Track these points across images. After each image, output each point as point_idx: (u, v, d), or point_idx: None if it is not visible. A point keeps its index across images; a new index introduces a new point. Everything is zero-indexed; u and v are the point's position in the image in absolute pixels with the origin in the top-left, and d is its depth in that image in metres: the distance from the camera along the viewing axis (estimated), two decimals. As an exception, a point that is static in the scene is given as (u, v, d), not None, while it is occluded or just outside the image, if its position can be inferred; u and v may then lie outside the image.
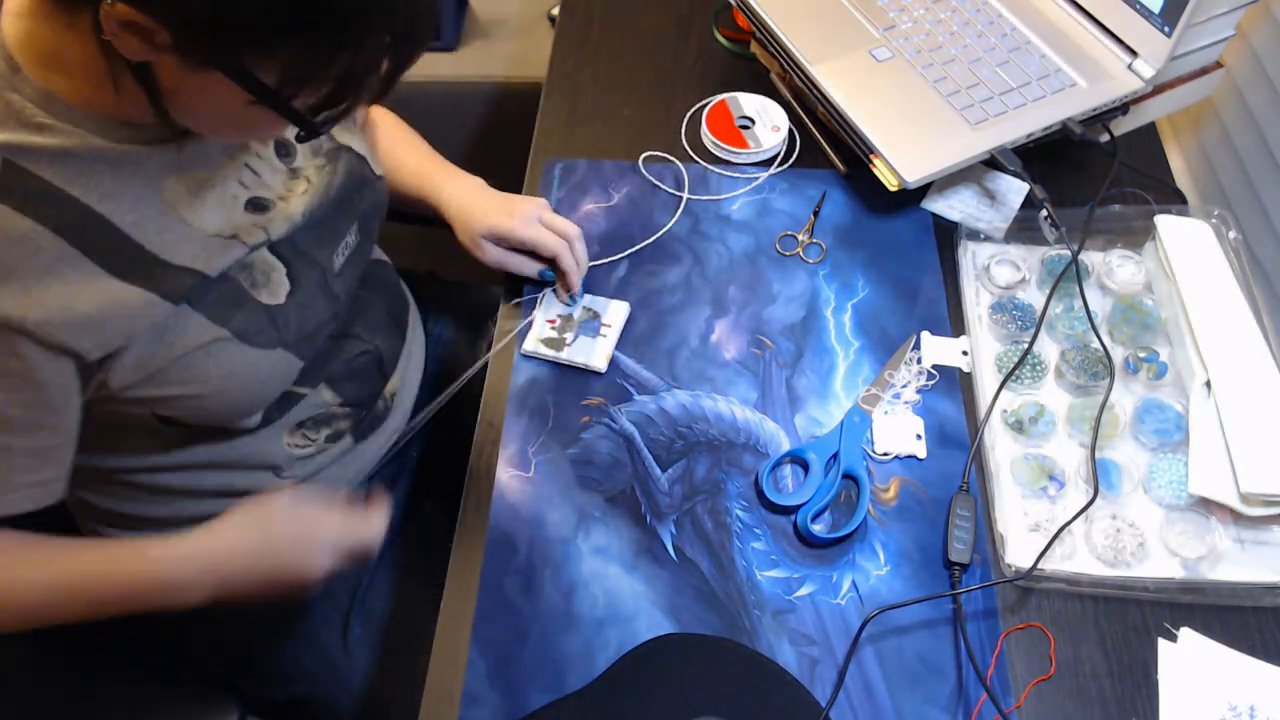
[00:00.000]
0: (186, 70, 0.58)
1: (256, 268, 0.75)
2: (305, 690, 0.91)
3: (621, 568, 0.79)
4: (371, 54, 0.59)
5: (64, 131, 0.62)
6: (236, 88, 0.58)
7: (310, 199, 0.79)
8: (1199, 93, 1.07)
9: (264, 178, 0.75)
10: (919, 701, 0.73)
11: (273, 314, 0.75)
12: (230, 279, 0.73)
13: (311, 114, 0.61)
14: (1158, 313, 0.91)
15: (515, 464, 0.85)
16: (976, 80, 0.99)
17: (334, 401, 0.85)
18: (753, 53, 1.16)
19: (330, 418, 0.85)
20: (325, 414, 0.85)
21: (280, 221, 0.76)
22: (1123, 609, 0.77)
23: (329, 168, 0.81)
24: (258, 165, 0.75)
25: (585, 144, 1.08)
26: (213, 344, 0.71)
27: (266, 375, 0.76)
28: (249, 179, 0.74)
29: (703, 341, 0.92)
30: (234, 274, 0.73)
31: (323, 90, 0.60)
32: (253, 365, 0.74)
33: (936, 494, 0.82)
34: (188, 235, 0.69)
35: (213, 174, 0.71)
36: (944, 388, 0.89)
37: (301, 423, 0.84)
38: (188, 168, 0.69)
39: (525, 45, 1.45)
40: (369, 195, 0.86)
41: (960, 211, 0.99)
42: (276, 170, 0.77)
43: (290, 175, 0.78)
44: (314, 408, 0.84)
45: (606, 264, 0.98)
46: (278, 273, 0.76)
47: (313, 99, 0.60)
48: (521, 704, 0.73)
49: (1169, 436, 0.83)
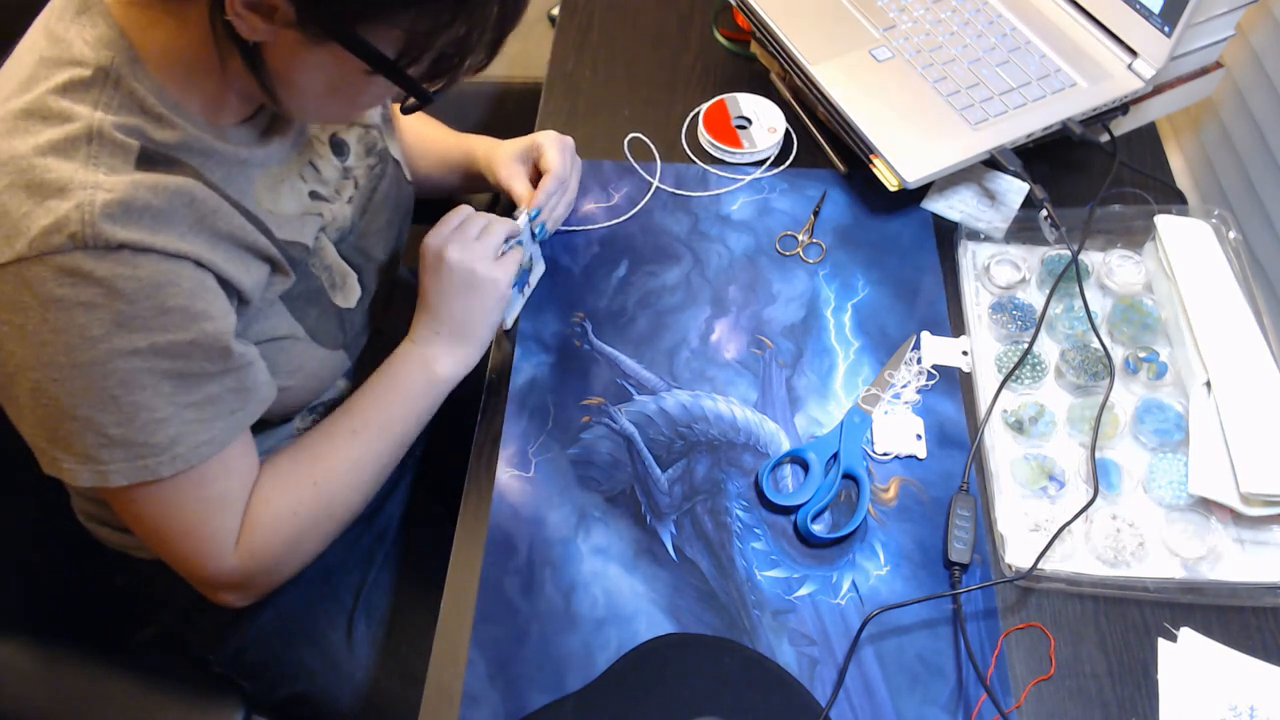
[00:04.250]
0: (301, 46, 0.60)
1: (335, 270, 0.78)
2: (308, 688, 0.92)
3: (621, 568, 0.79)
4: (482, 19, 0.62)
5: (178, 125, 0.64)
6: (350, 61, 0.60)
7: (359, 201, 0.83)
8: (1199, 93, 1.07)
9: (323, 174, 0.79)
10: (919, 701, 0.73)
11: (343, 316, 0.79)
12: (314, 276, 0.76)
13: (423, 82, 0.64)
14: (1158, 313, 0.91)
15: (515, 464, 0.85)
16: (976, 80, 0.99)
17: (347, 389, 0.88)
18: (753, 53, 1.16)
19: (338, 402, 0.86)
20: (337, 399, 0.87)
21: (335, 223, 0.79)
22: (1123, 609, 0.77)
23: (379, 167, 0.86)
24: (318, 162, 0.79)
25: (585, 144, 1.08)
26: (288, 339, 0.74)
27: (326, 374, 0.80)
28: (309, 174, 0.77)
29: (703, 341, 0.92)
30: (317, 272, 0.77)
31: (435, 58, 0.63)
32: (318, 364, 0.78)
33: (936, 494, 0.82)
34: (277, 221, 0.72)
35: (285, 168, 0.74)
36: (944, 388, 0.89)
37: (314, 407, 0.87)
38: (266, 164, 0.72)
39: (525, 45, 1.44)
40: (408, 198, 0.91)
41: (960, 211, 0.99)
42: (334, 167, 0.80)
43: (343, 175, 0.82)
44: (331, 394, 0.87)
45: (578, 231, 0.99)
46: (351, 278, 0.81)
47: (425, 66, 0.63)
48: (521, 704, 0.73)
49: (1169, 436, 0.83)
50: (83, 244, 0.58)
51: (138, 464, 0.65)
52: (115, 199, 0.59)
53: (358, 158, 0.83)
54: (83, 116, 0.60)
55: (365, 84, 0.64)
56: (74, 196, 0.58)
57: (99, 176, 0.60)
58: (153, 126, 0.63)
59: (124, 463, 0.65)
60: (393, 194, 0.88)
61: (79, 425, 0.63)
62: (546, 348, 0.92)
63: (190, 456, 0.67)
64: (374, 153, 0.86)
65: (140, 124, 0.63)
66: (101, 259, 0.59)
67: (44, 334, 0.60)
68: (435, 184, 1.06)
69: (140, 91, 0.63)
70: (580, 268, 0.97)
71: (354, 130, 0.84)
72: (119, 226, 0.59)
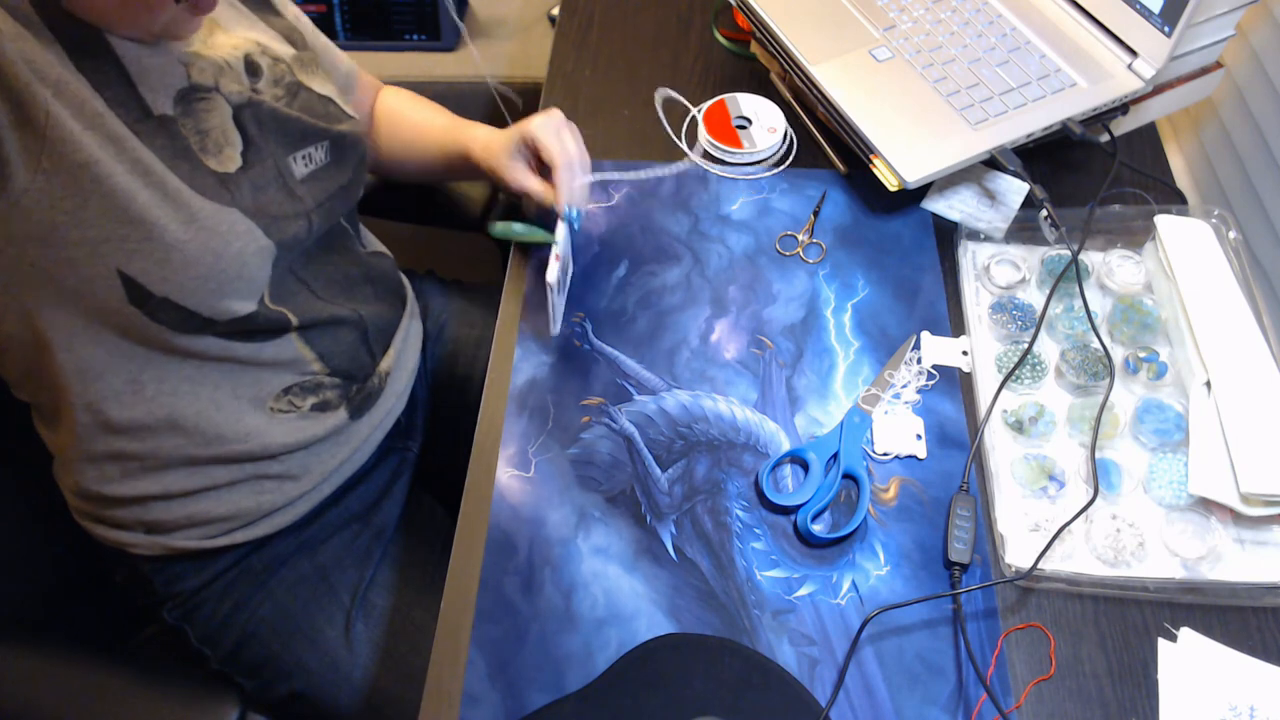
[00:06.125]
0: None
1: (210, 135, 0.76)
2: (306, 687, 0.92)
3: (621, 568, 0.79)
4: None
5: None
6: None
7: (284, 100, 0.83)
8: (1199, 93, 1.07)
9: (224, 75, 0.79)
10: (919, 701, 0.73)
11: (222, 179, 0.76)
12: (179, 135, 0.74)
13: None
14: (1158, 313, 0.91)
15: (515, 464, 0.85)
16: (976, 80, 0.99)
17: (315, 363, 0.86)
18: (753, 53, 1.16)
19: (316, 386, 0.86)
20: (312, 381, 0.86)
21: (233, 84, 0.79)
22: (1123, 609, 0.77)
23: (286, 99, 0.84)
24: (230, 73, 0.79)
25: (585, 144, 1.08)
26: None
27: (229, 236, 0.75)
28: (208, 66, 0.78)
29: (703, 341, 0.92)
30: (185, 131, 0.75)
31: None
32: (211, 219, 0.74)
33: (936, 494, 0.82)
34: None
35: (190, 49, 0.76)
36: (944, 388, 0.89)
37: (287, 389, 0.85)
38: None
39: (525, 45, 1.44)
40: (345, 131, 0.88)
41: (960, 211, 0.99)
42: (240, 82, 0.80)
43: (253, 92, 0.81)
44: (296, 370, 0.86)
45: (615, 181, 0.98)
46: (232, 147, 0.78)
47: None
48: (521, 704, 0.73)
49: (1169, 436, 0.83)
50: None
51: None
52: None
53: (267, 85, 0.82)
54: None
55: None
56: None
57: None
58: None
59: None
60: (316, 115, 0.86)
61: None
62: (546, 348, 0.92)
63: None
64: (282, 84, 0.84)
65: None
66: None
67: None
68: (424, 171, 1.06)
69: None
70: (580, 268, 0.97)
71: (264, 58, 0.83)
72: None
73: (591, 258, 0.98)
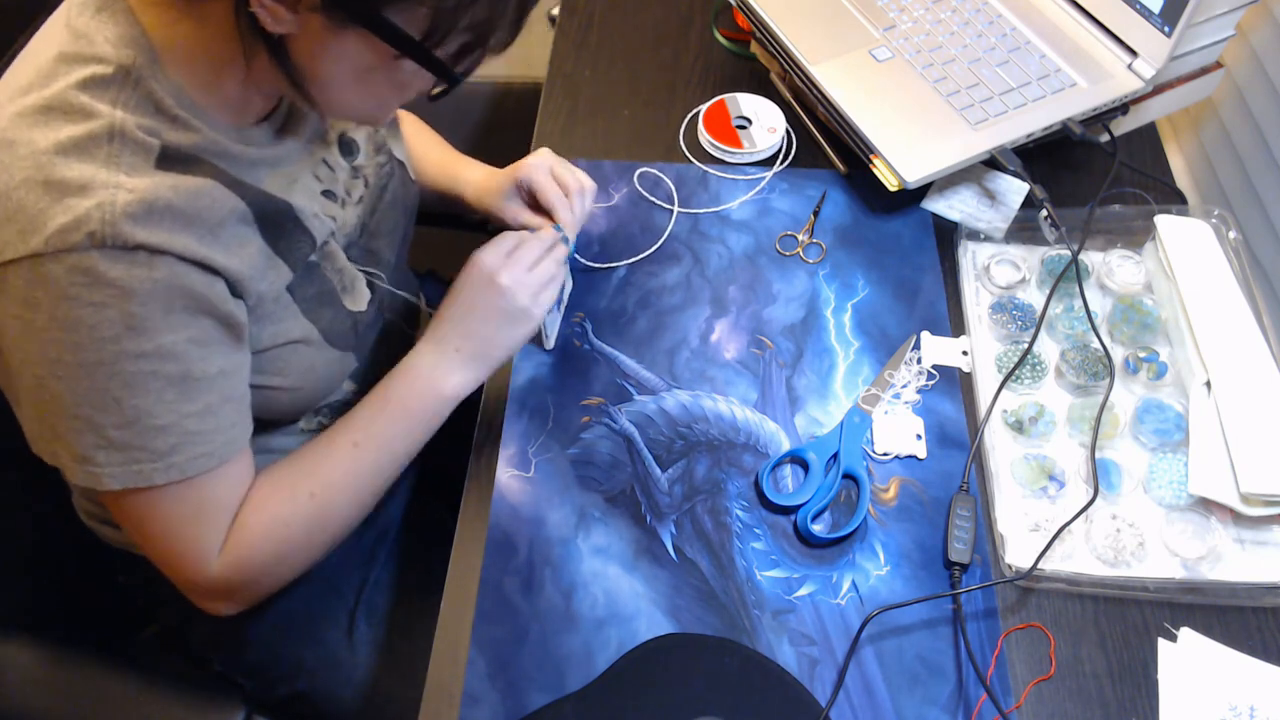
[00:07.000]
0: (327, 33, 0.60)
1: (346, 274, 0.79)
2: (309, 687, 0.92)
3: (621, 568, 0.79)
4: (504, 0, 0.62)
5: (194, 128, 0.65)
6: (377, 45, 0.61)
7: (369, 201, 0.83)
8: (1199, 93, 1.07)
9: (336, 173, 0.79)
10: (919, 701, 0.73)
11: (355, 319, 0.80)
12: (326, 279, 0.76)
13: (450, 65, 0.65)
14: (1158, 313, 0.91)
15: (515, 464, 0.85)
16: (976, 80, 0.99)
17: (352, 390, 0.88)
18: (753, 53, 1.16)
19: (345, 404, 0.86)
20: (343, 401, 0.87)
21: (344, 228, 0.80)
22: (1123, 609, 0.77)
23: (388, 165, 0.86)
24: (330, 160, 0.79)
25: (585, 144, 1.08)
26: (301, 342, 0.74)
27: (335, 376, 0.80)
28: (323, 173, 0.78)
29: (703, 341, 0.92)
30: (329, 275, 0.77)
31: (460, 40, 0.63)
32: (329, 366, 0.78)
33: (936, 494, 0.82)
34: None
35: (297, 168, 0.75)
36: (944, 388, 0.89)
37: (318, 410, 0.86)
38: (278, 164, 0.72)
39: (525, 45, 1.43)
40: (414, 197, 0.91)
41: (960, 211, 0.99)
42: (342, 168, 0.80)
43: (353, 174, 0.82)
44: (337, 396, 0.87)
45: (603, 270, 0.98)
46: (360, 281, 0.81)
47: (452, 48, 0.63)
48: (521, 704, 0.73)
49: (1169, 436, 0.83)
50: (100, 243, 0.58)
51: (133, 468, 0.65)
52: (137, 199, 0.59)
53: (367, 156, 0.83)
54: (104, 114, 0.60)
55: (393, 70, 0.64)
56: (95, 195, 0.58)
57: (120, 176, 0.60)
58: (168, 128, 0.63)
59: (119, 466, 0.65)
60: (400, 194, 0.88)
61: (79, 424, 0.63)
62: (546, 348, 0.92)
63: (187, 467, 0.67)
64: (383, 151, 0.86)
65: (156, 125, 0.63)
66: (117, 260, 0.59)
67: (52, 331, 0.60)
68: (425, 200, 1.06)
69: (159, 93, 0.62)
70: (580, 268, 0.97)
71: (362, 130, 0.84)
72: (139, 227, 0.59)
73: (590, 258, 0.98)
